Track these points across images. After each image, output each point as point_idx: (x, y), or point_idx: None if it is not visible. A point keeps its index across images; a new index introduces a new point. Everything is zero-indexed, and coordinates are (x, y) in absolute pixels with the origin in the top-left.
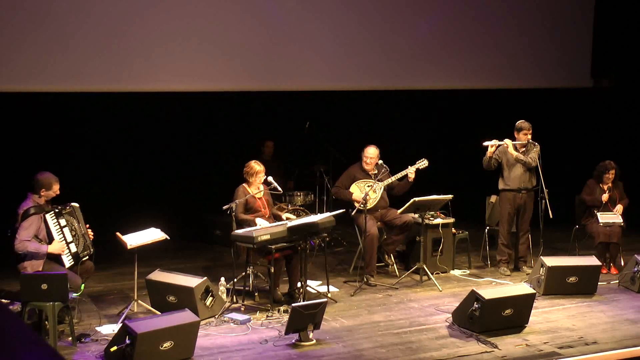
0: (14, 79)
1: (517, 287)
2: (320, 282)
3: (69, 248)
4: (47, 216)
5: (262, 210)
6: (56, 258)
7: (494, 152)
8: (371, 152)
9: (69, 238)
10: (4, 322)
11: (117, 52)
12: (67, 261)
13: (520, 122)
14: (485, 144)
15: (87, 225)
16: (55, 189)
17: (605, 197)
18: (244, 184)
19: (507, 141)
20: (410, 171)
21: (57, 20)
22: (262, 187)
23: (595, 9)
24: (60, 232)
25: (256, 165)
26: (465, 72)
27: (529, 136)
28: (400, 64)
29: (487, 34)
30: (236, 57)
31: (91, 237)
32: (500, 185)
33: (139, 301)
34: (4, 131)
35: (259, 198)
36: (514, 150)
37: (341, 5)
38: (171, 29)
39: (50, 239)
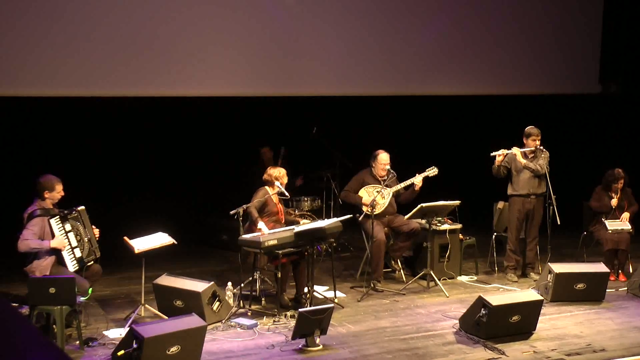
0: (27, 84)
1: (525, 293)
2: (327, 288)
3: (73, 253)
4: (52, 221)
5: (279, 215)
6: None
7: (502, 160)
8: (384, 158)
9: (74, 243)
10: (14, 325)
11: (125, 59)
12: (72, 266)
13: (529, 128)
14: (493, 154)
15: (94, 227)
16: (59, 189)
17: (614, 201)
18: (266, 187)
19: (515, 149)
20: (418, 179)
21: (68, 28)
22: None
23: (602, 16)
24: (65, 237)
25: (280, 170)
26: (474, 78)
27: (538, 142)
28: (407, 70)
29: (496, 41)
30: (245, 63)
31: (97, 236)
32: (509, 191)
33: (146, 305)
34: (15, 135)
35: (277, 202)
36: (522, 158)
37: (348, 13)
38: (180, 36)
39: None
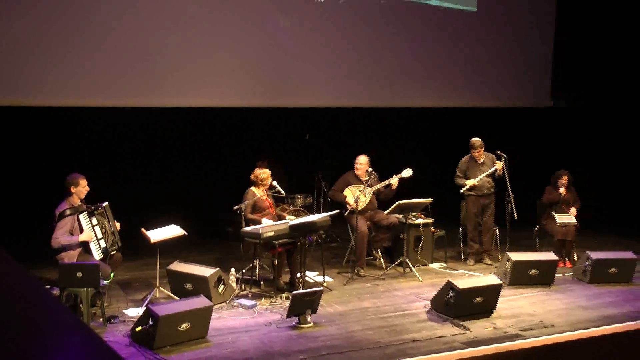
0: (56, 95)
1: (487, 278)
2: (317, 273)
3: (99, 244)
4: (81, 216)
5: (270, 209)
6: (90, 251)
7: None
8: (362, 160)
9: (99, 235)
10: (47, 304)
11: (142, 74)
12: (97, 254)
13: (473, 140)
14: (462, 190)
15: (116, 221)
16: (83, 184)
17: (562, 190)
18: (252, 187)
19: (498, 164)
20: (394, 180)
21: (89, 45)
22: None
23: (554, 34)
24: (92, 230)
25: (266, 171)
26: (436, 91)
27: (479, 153)
28: (382, 86)
29: (456, 59)
30: (248, 80)
31: (118, 228)
32: (465, 191)
33: (161, 288)
34: (53, 140)
35: (266, 198)
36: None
37: (337, 33)
38: (194, 51)
39: None
